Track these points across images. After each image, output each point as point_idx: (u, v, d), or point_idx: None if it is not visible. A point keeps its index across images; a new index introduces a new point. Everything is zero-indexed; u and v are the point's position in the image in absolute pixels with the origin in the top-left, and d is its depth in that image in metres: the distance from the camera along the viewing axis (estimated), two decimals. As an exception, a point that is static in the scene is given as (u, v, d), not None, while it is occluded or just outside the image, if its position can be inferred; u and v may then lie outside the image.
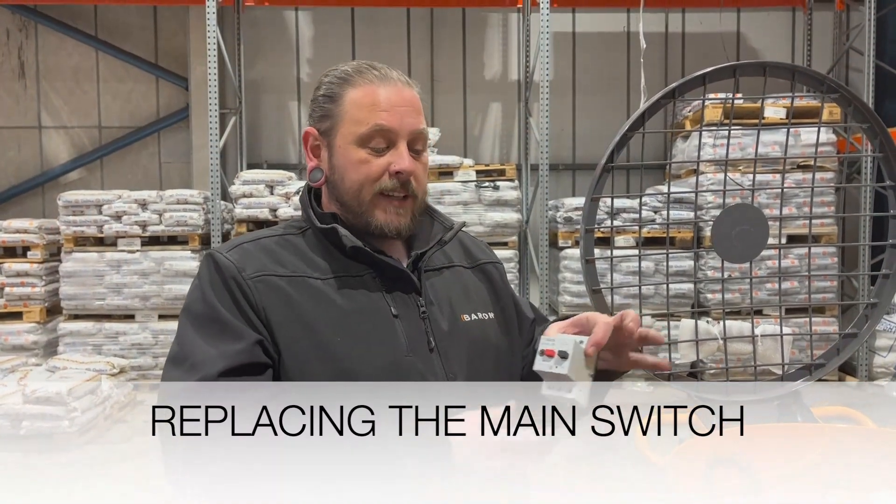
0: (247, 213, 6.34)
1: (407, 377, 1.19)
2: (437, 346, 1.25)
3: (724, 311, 2.05)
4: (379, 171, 1.24)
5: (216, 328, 1.16)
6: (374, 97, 1.25)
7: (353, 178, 1.25)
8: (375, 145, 1.24)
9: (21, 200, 7.97)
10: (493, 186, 6.55)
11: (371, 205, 1.25)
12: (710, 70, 1.79)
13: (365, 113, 1.24)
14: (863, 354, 6.18)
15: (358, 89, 1.26)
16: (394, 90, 1.26)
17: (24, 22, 7.90)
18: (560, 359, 1.05)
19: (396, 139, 1.25)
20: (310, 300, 1.20)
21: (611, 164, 1.80)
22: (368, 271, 1.26)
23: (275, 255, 1.24)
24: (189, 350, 1.15)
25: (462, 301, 1.34)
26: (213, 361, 1.12)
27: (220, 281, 1.19)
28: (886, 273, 1.94)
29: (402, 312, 1.24)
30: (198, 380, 1.11)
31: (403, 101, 1.26)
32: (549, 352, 1.06)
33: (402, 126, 1.25)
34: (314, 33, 8.06)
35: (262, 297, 1.18)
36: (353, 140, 1.25)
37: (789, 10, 8.03)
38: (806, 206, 5.56)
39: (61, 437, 4.78)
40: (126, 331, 6.26)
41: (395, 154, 1.25)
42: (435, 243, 1.32)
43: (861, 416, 1.87)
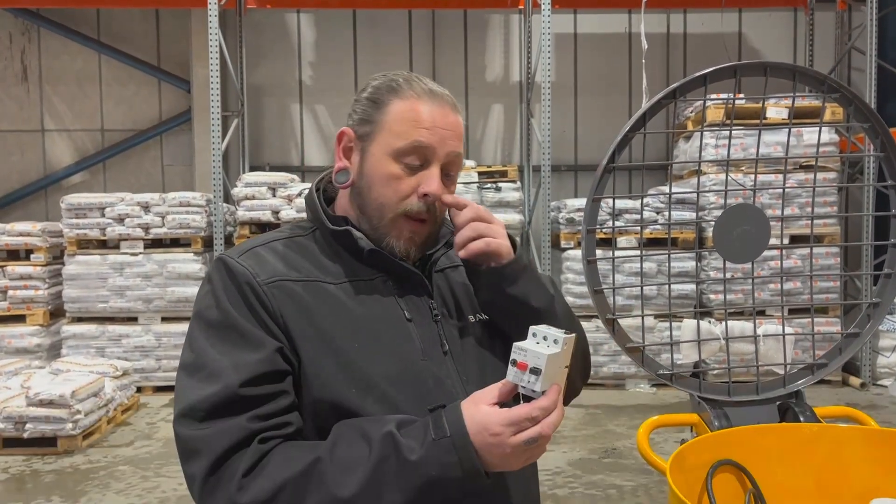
0: (249, 215, 6.35)
1: (423, 381, 1.18)
2: (451, 349, 1.24)
3: (726, 312, 2.04)
4: (408, 190, 1.22)
5: (233, 336, 1.13)
6: (419, 113, 1.21)
7: (380, 191, 1.22)
8: (410, 162, 1.22)
9: (24, 204, 8.00)
10: (495, 188, 6.55)
11: (391, 224, 1.23)
12: (711, 70, 1.79)
13: (407, 127, 1.21)
14: (865, 354, 6.17)
15: (404, 101, 1.22)
16: (440, 110, 1.23)
17: (27, 26, 7.93)
18: (532, 375, 1.03)
19: (432, 159, 1.22)
20: (325, 306, 1.18)
21: (612, 164, 1.79)
22: (380, 275, 1.24)
23: (287, 259, 1.22)
24: (205, 359, 1.12)
25: (466, 302, 1.34)
26: (233, 371, 1.09)
27: (235, 287, 1.16)
28: (889, 272, 1.93)
29: (415, 316, 1.23)
30: (219, 389, 1.08)
31: (447, 124, 1.23)
32: (521, 365, 1.04)
33: (441, 147, 1.22)
34: (316, 36, 8.07)
35: (279, 303, 1.15)
36: (390, 152, 1.22)
37: (791, 11, 8.03)
38: (808, 206, 5.55)
39: (64, 440, 4.79)
40: (129, 333, 6.27)
41: (426, 175, 1.22)
42: (443, 245, 1.32)
43: (864, 416, 1.87)
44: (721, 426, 1.77)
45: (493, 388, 1.07)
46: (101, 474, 4.43)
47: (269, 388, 1.11)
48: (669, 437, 4.50)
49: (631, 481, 4.17)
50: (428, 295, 1.27)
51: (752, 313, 2.16)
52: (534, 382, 1.03)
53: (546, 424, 1.03)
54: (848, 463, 1.53)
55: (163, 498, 4.06)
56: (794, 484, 1.52)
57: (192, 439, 1.08)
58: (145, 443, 5.01)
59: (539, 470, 1.35)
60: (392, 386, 1.16)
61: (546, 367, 1.03)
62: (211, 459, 1.06)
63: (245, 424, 1.07)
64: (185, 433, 1.10)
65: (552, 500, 3.92)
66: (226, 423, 1.08)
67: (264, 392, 1.10)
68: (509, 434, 1.03)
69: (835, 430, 1.58)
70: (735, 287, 5.73)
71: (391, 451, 1.04)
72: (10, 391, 5.09)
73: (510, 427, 1.03)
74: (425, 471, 1.03)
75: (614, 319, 1.86)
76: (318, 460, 1.05)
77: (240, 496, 1.04)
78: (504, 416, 1.03)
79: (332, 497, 1.03)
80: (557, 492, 4.02)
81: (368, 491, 1.03)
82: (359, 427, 1.09)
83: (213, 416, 1.08)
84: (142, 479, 4.34)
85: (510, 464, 1.06)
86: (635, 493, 4.02)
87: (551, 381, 1.05)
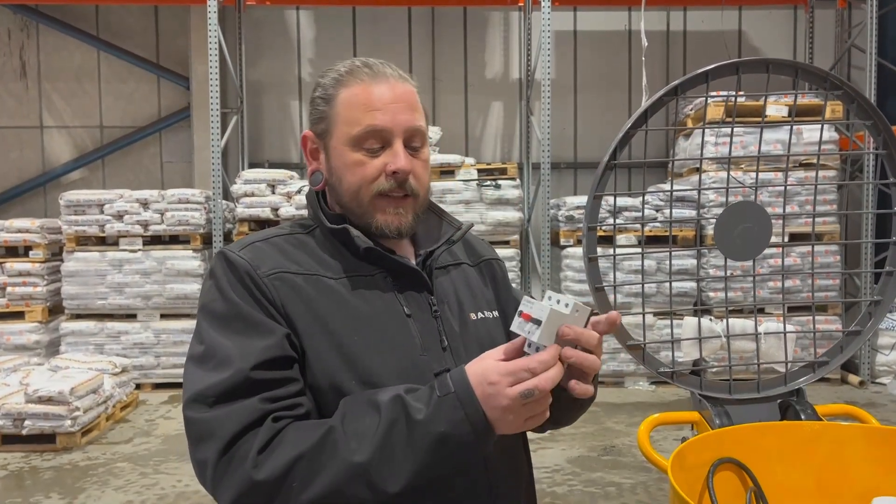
0: (248, 212, 6.34)
1: (422, 377, 1.18)
2: (450, 345, 1.25)
3: (726, 310, 2.04)
4: (375, 172, 1.22)
5: (241, 325, 1.14)
6: (365, 97, 1.22)
7: (349, 180, 1.24)
8: (370, 146, 1.22)
9: (23, 200, 7.99)
10: (494, 185, 6.55)
11: (370, 206, 1.24)
12: (712, 67, 1.78)
13: (357, 113, 1.22)
14: (865, 352, 6.17)
15: (350, 89, 1.24)
16: (386, 87, 1.23)
17: (26, 22, 7.91)
18: (532, 325, 1.05)
19: (391, 138, 1.23)
20: (325, 298, 1.19)
21: (613, 162, 1.79)
22: (379, 271, 1.25)
23: (287, 253, 1.23)
24: (215, 348, 1.13)
25: (469, 299, 1.34)
26: (243, 357, 1.10)
27: (237, 279, 1.17)
28: (890, 270, 1.93)
29: (414, 312, 1.24)
30: (231, 374, 1.09)
31: (396, 98, 1.23)
32: (525, 315, 1.06)
33: (396, 124, 1.22)
34: (315, 33, 8.06)
35: (280, 294, 1.17)
36: (347, 142, 1.23)
37: (791, 9, 8.02)
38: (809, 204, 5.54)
39: (63, 437, 4.79)
40: (128, 330, 6.27)
41: (390, 154, 1.22)
42: (444, 242, 1.32)
43: (866, 414, 1.87)
44: (722, 424, 1.77)
45: (501, 347, 1.08)
46: (99, 471, 4.43)
47: (280, 373, 1.12)
48: (668, 434, 4.50)
49: (630, 479, 4.17)
50: (428, 291, 1.28)
51: (752, 311, 2.16)
52: (533, 332, 1.04)
53: (544, 378, 1.03)
54: (849, 461, 1.53)
55: (161, 495, 4.06)
56: (795, 482, 1.52)
57: (204, 421, 1.08)
58: (144, 440, 5.01)
59: (538, 467, 1.35)
60: (392, 380, 1.16)
61: (547, 321, 1.04)
62: (224, 440, 1.06)
63: (258, 405, 1.08)
64: (196, 416, 1.09)
65: (551, 497, 3.92)
66: (238, 404, 1.08)
67: (275, 377, 1.11)
68: (506, 384, 1.03)
69: (836, 428, 1.58)
70: (735, 285, 5.73)
71: (400, 413, 1.05)
72: (9, 388, 5.08)
73: (508, 377, 1.03)
74: (434, 428, 1.04)
75: (615, 317, 1.85)
76: (330, 430, 1.06)
77: (256, 472, 1.04)
78: (502, 366, 1.04)
79: (347, 463, 1.04)
80: (556, 489, 4.01)
81: (382, 454, 1.04)
82: (368, 396, 1.10)
83: (225, 400, 1.09)
84: (141, 475, 4.33)
85: (510, 420, 1.05)
86: (634, 491, 4.02)
87: (551, 339, 1.05)
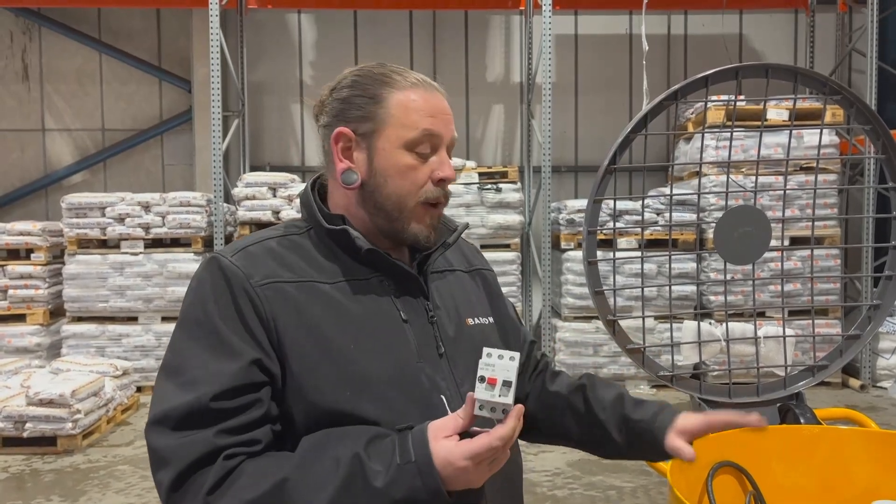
0: (249, 215, 6.35)
1: (417, 383, 1.18)
2: (446, 351, 1.24)
3: (726, 313, 2.05)
4: (424, 178, 1.23)
5: (213, 340, 1.13)
6: (423, 102, 1.24)
7: (398, 183, 1.23)
8: (422, 150, 1.23)
9: (24, 203, 7.99)
10: (495, 188, 6.55)
11: (411, 213, 1.24)
12: (712, 72, 1.79)
13: (416, 117, 1.22)
14: (865, 356, 6.17)
15: (402, 92, 1.24)
16: (436, 97, 1.26)
17: (28, 25, 7.93)
18: (504, 387, 1.05)
19: (440, 145, 1.25)
20: (319, 306, 1.17)
21: (613, 165, 1.80)
22: (375, 274, 1.24)
23: (281, 259, 1.20)
24: (184, 363, 1.13)
25: (465, 304, 1.34)
26: (207, 381, 1.10)
27: (226, 289, 1.15)
28: (889, 275, 1.94)
29: (410, 317, 1.23)
30: (194, 399, 1.09)
31: (446, 109, 1.27)
32: (490, 380, 1.05)
33: (447, 132, 1.26)
34: (317, 36, 8.07)
35: (272, 306, 1.15)
36: (402, 144, 1.22)
37: (792, 12, 8.03)
38: (809, 208, 5.55)
39: (64, 439, 4.79)
40: (129, 333, 6.27)
41: (436, 161, 1.24)
42: (439, 246, 1.31)
43: (865, 418, 1.87)
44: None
45: (451, 418, 1.09)
46: (100, 474, 4.43)
47: (242, 399, 1.10)
48: (669, 438, 4.49)
49: (630, 482, 4.17)
50: (424, 296, 1.27)
51: (752, 315, 2.16)
52: (506, 394, 1.05)
53: (505, 448, 1.07)
54: (848, 465, 1.53)
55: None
56: (794, 486, 1.52)
57: (161, 449, 1.10)
58: (145, 442, 5.00)
59: (538, 471, 1.35)
60: (387, 386, 1.16)
61: (517, 379, 1.06)
62: (177, 471, 1.07)
63: (211, 439, 1.08)
64: (154, 442, 1.12)
65: (552, 500, 3.92)
66: (195, 435, 1.08)
67: (236, 405, 1.10)
68: (473, 465, 1.05)
69: (835, 431, 1.58)
70: (735, 288, 5.73)
71: (357, 475, 1.05)
72: (10, 390, 5.08)
73: (472, 459, 1.05)
74: (391, 495, 1.05)
75: (615, 320, 1.87)
76: (283, 481, 1.05)
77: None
78: (466, 449, 1.05)
79: None
80: (557, 493, 4.01)
81: None
82: (327, 441, 1.10)
83: (183, 427, 1.09)
84: (141, 478, 4.33)
85: (474, 483, 1.08)
86: (635, 494, 4.02)
87: (513, 396, 1.07)
